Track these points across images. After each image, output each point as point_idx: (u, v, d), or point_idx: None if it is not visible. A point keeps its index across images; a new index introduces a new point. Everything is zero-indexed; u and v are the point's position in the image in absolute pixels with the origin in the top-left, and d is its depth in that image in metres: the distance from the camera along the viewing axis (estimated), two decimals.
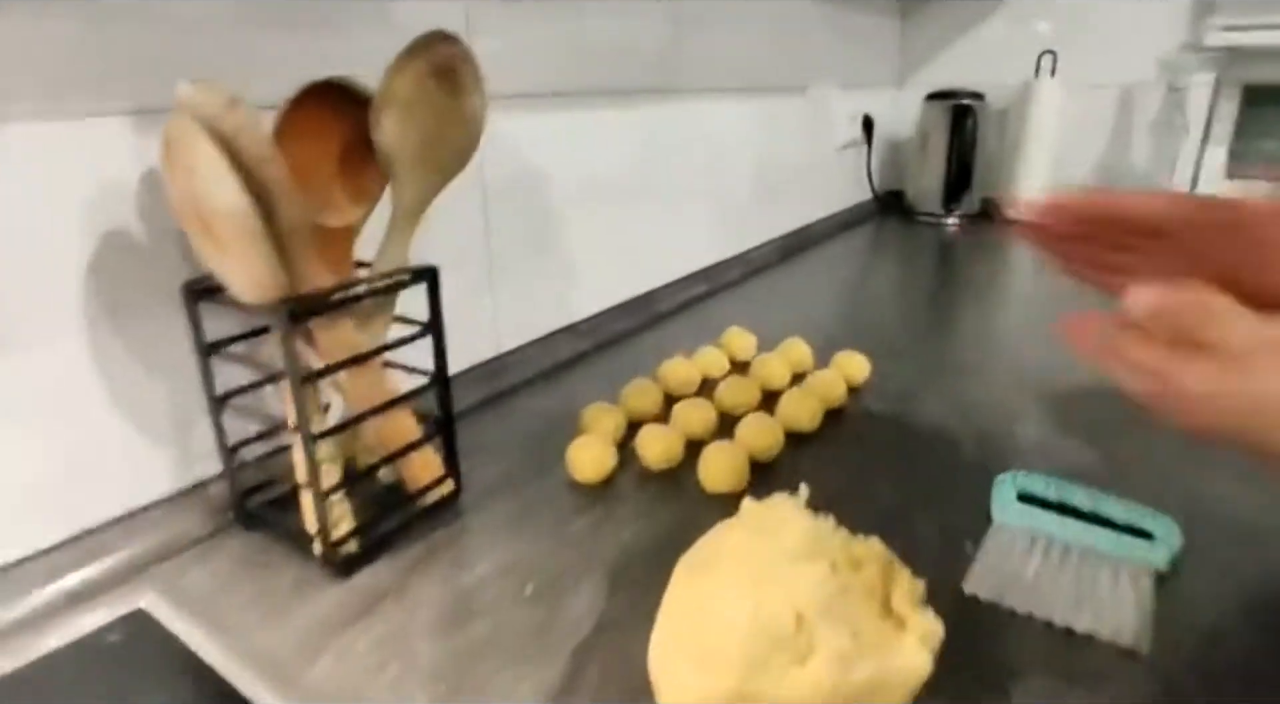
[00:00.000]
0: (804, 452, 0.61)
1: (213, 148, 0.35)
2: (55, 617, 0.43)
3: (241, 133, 0.36)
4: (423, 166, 0.45)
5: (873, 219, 1.59)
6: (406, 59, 0.42)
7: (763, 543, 0.33)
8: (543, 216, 0.77)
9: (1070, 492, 0.52)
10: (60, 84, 0.42)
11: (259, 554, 0.49)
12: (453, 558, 0.49)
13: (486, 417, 0.69)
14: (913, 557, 0.47)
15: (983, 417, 0.67)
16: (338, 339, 0.45)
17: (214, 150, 0.35)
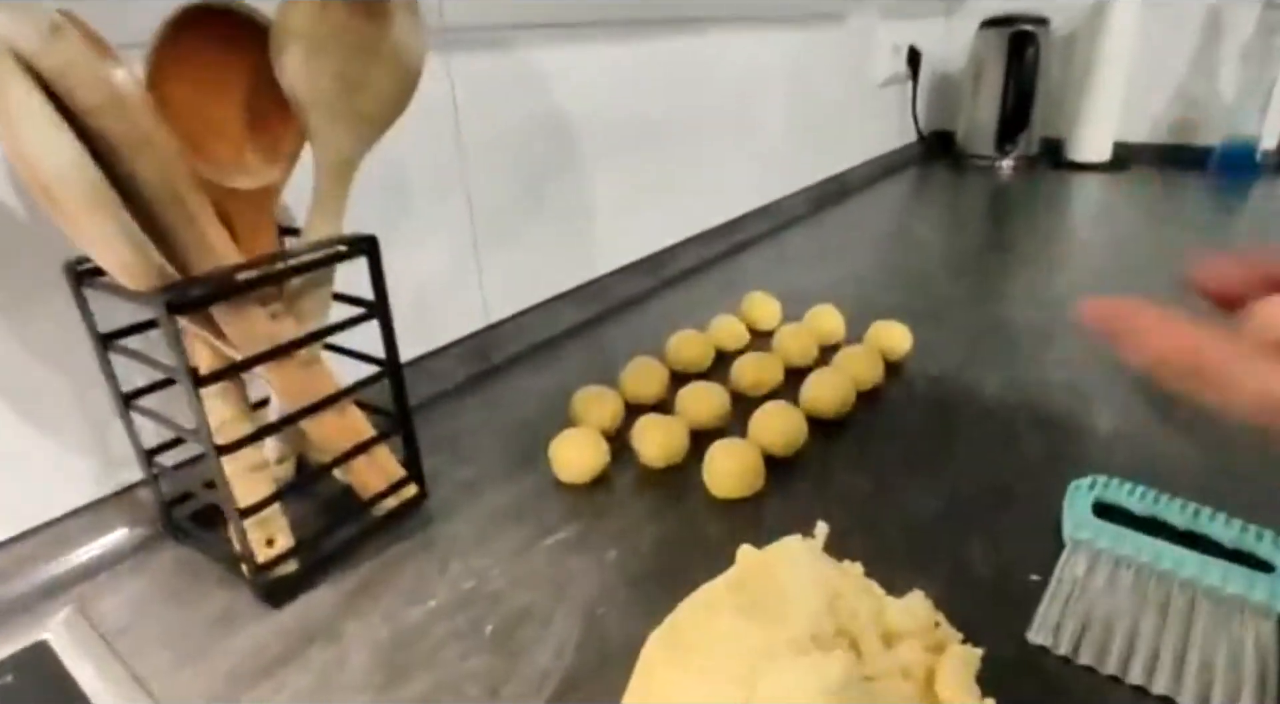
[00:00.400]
0: (831, 446, 0.52)
1: (29, 90, 0.27)
2: None
3: (71, 70, 0.27)
4: (343, 117, 0.36)
5: (917, 163, 1.45)
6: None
7: (761, 626, 0.24)
8: (536, 168, 0.67)
9: (1165, 505, 0.42)
10: None
11: (185, 576, 0.42)
12: (407, 581, 0.41)
13: (471, 399, 0.61)
14: (964, 596, 0.38)
15: (1050, 402, 0.56)
16: (250, 330, 0.37)
17: (30, 93, 0.27)
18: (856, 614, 0.26)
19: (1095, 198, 1.20)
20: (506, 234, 0.66)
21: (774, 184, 1.05)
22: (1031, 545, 0.41)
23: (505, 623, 0.38)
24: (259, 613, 0.39)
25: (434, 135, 0.58)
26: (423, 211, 0.58)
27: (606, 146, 0.74)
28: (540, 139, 0.67)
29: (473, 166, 0.61)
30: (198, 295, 0.34)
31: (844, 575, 0.28)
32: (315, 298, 0.41)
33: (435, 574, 0.42)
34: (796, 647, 0.23)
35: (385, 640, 0.37)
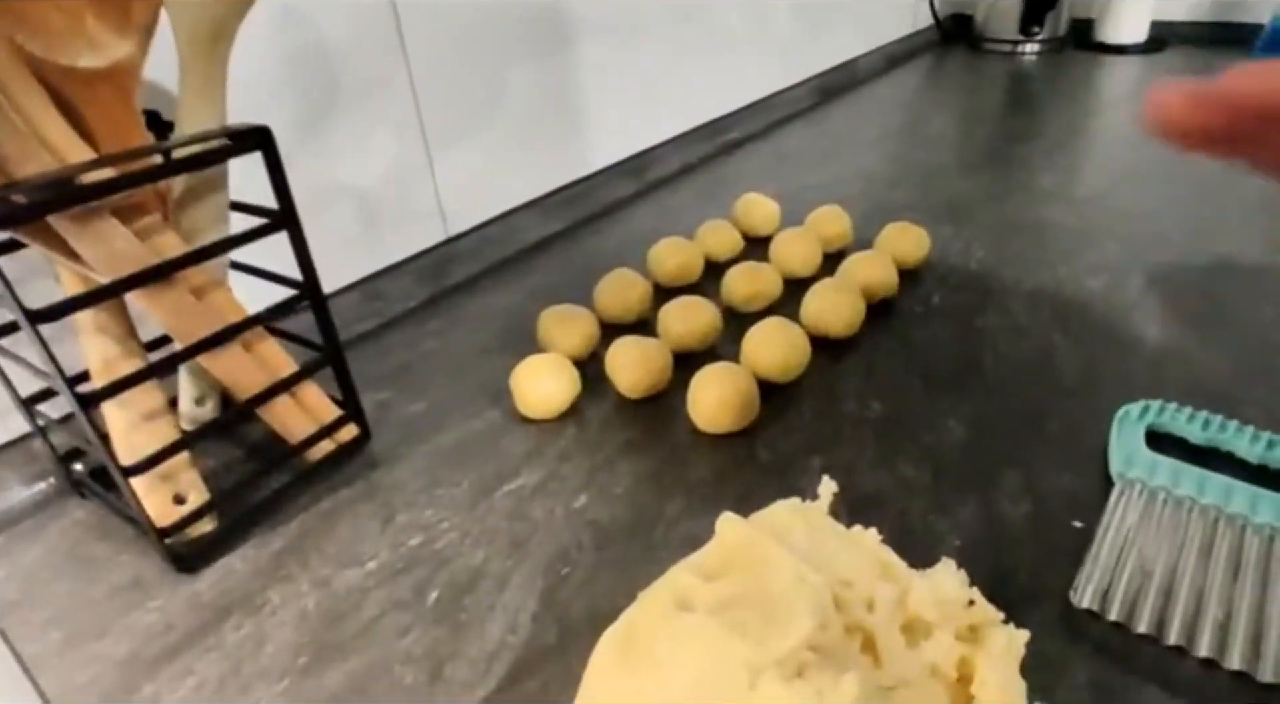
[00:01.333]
0: (837, 369, 0.45)
1: None
2: None
3: None
4: None
5: (932, 50, 1.32)
6: None
7: (742, 638, 0.18)
8: (495, 55, 0.58)
9: (1231, 433, 0.36)
10: None
11: (91, 536, 0.37)
12: (343, 538, 0.35)
13: (429, 322, 0.54)
14: (996, 547, 0.32)
15: (1088, 312, 0.49)
16: (109, 250, 0.29)
17: None
18: (872, 606, 0.19)
19: (1130, 83, 1.08)
20: (463, 134, 0.57)
21: (774, 75, 0.94)
22: (1074, 484, 0.35)
23: (453, 589, 0.32)
24: (171, 581, 0.34)
25: (369, 23, 0.49)
26: (358, 105, 0.50)
27: (581, 30, 0.64)
28: (500, 17, 0.57)
29: (418, 49, 0.52)
30: (25, 206, 0.26)
31: (855, 551, 0.21)
32: (205, 208, 0.34)
33: (376, 529, 0.36)
34: (790, 667, 0.17)
35: (312, 612, 0.32)
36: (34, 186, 0.26)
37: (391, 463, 0.40)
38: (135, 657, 0.30)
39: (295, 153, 0.47)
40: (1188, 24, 1.23)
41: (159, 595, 0.33)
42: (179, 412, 0.40)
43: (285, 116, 0.46)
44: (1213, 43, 1.20)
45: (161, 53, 0.31)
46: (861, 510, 0.34)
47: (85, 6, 0.29)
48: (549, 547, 0.34)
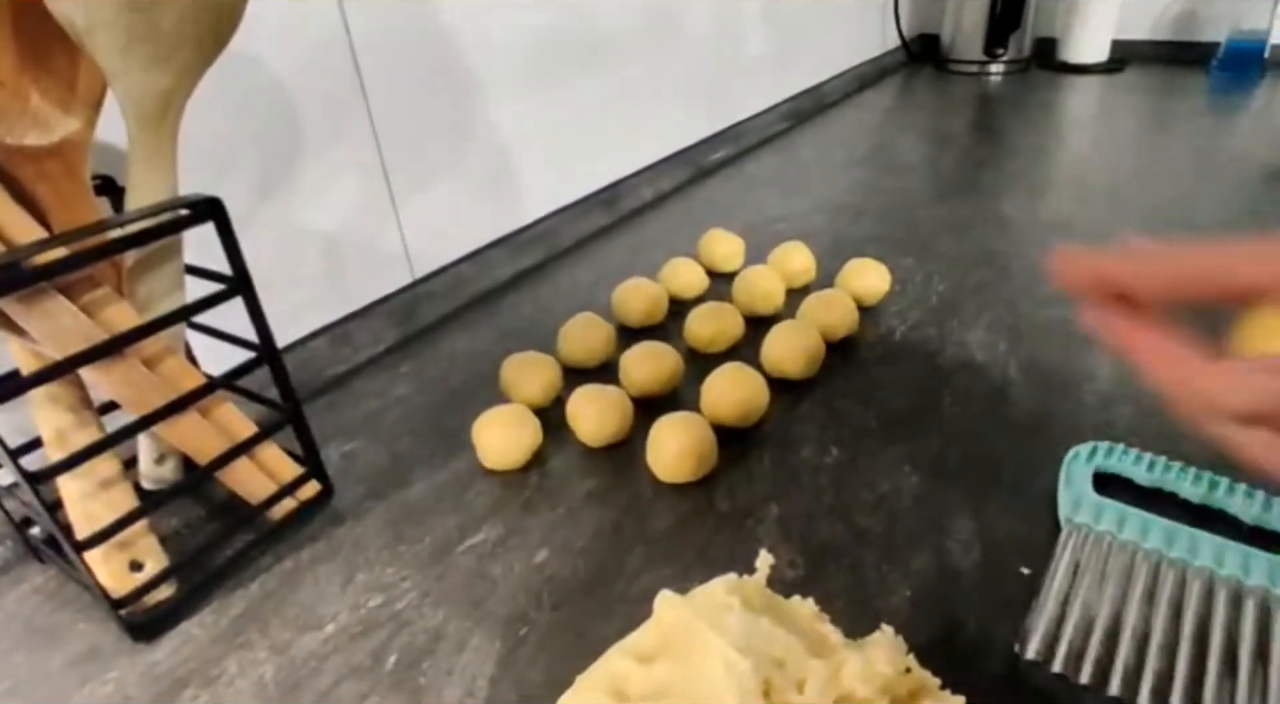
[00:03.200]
0: (796, 412, 0.46)
1: None
2: None
3: None
4: (142, 45, 0.28)
5: (901, 71, 1.34)
6: None
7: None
8: (457, 97, 0.58)
9: (1175, 475, 0.37)
10: None
11: (48, 606, 0.36)
12: (302, 601, 0.35)
13: (397, 368, 0.54)
14: (945, 598, 0.32)
15: (1046, 349, 0.50)
16: (55, 324, 0.30)
17: None
18: (803, 682, 0.20)
19: (1092, 103, 1.10)
20: (427, 176, 0.57)
21: (743, 101, 0.95)
22: (1024, 529, 0.36)
23: (411, 653, 0.32)
24: (128, 650, 0.34)
25: (327, 70, 0.49)
26: (321, 154, 0.50)
27: (544, 67, 0.64)
28: (459, 63, 0.58)
29: (377, 101, 0.52)
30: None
31: (788, 624, 0.22)
32: (158, 276, 0.34)
33: (337, 590, 0.36)
34: None
35: (270, 681, 0.32)
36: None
37: (355, 518, 0.40)
38: None
39: (258, 204, 0.47)
40: (1148, 43, 1.26)
41: (116, 666, 0.33)
42: (139, 471, 0.40)
43: (246, 168, 0.46)
44: (1171, 61, 1.23)
45: (114, 115, 0.31)
46: (818, 562, 0.35)
47: (30, 85, 0.30)
48: (508, 606, 0.34)
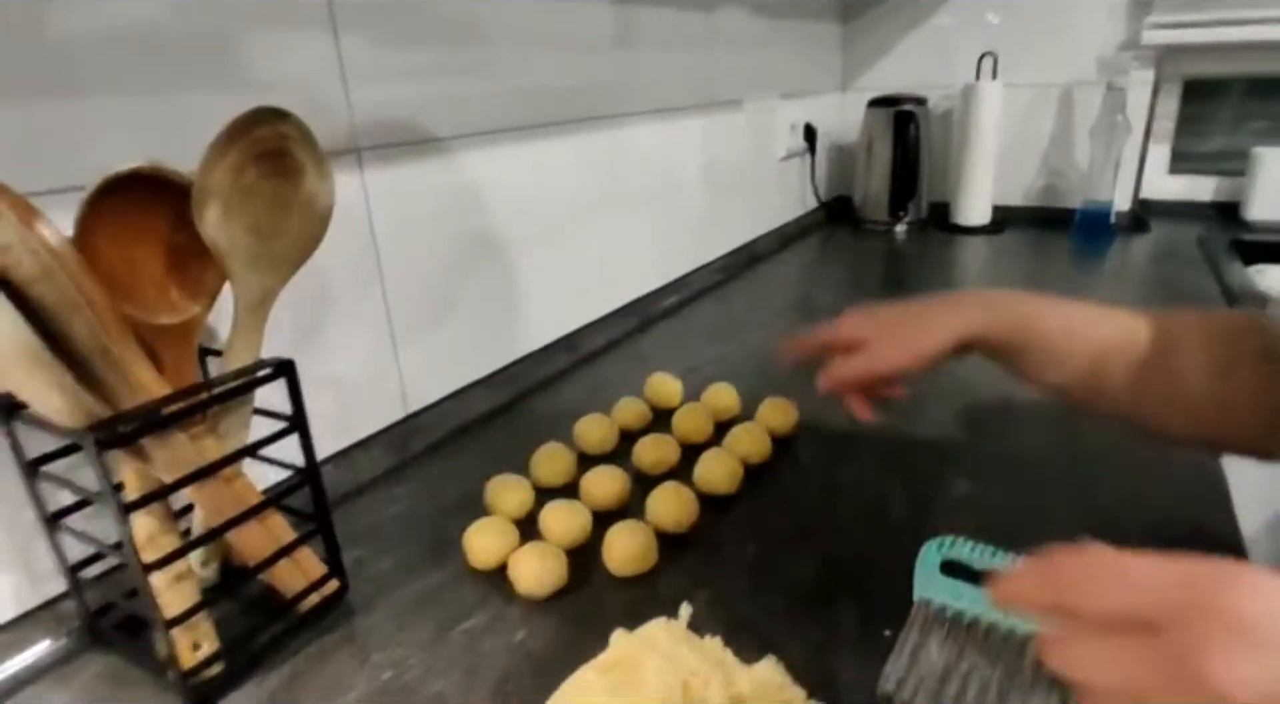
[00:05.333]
0: (722, 521, 0.57)
1: None
2: None
3: (10, 249, 0.31)
4: (260, 259, 0.41)
5: (820, 229, 1.56)
6: (222, 146, 0.38)
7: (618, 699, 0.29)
8: (451, 262, 0.72)
9: (999, 558, 0.49)
10: None
11: (111, 684, 0.44)
12: (328, 678, 0.44)
13: (393, 488, 0.65)
14: (829, 653, 0.43)
15: (916, 467, 0.63)
16: (174, 456, 0.40)
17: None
18: (708, 684, 0.31)
19: (978, 258, 1.32)
20: (423, 326, 0.70)
21: (686, 259, 1.12)
22: (890, 603, 0.47)
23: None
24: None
25: (349, 241, 0.63)
26: (341, 314, 0.63)
27: (520, 235, 0.79)
28: (453, 234, 0.72)
29: (388, 268, 0.66)
30: (125, 431, 0.38)
31: (701, 652, 0.33)
32: (236, 417, 0.45)
33: (355, 667, 0.45)
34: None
35: None
36: (134, 417, 0.38)
37: (366, 611, 0.50)
38: None
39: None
40: (1021, 208, 1.51)
41: None
42: None
43: (284, 330, 0.58)
44: (1041, 223, 1.47)
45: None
46: (734, 630, 0.45)
47: (170, 282, 0.42)
48: (496, 672, 0.44)
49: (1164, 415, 0.49)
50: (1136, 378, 0.48)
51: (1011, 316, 0.50)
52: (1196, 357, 0.47)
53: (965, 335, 0.50)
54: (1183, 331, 0.48)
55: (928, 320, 0.51)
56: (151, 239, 0.41)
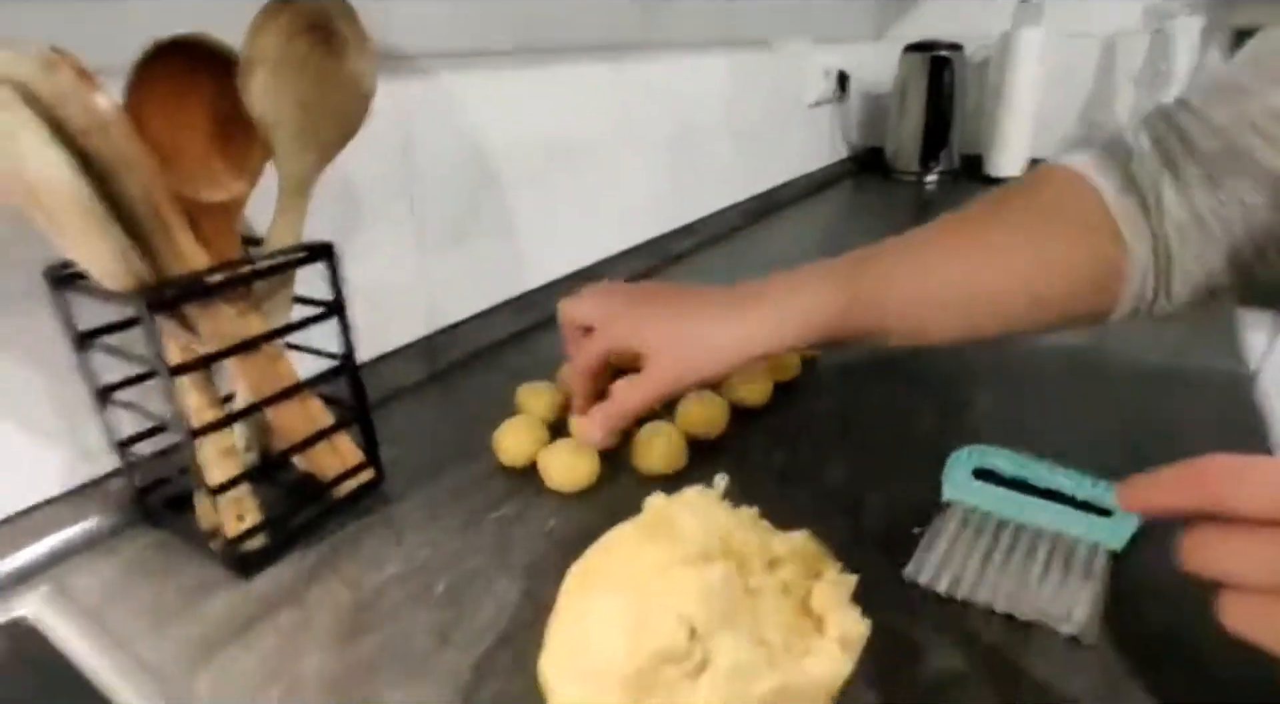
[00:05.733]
0: (751, 429, 0.58)
1: (30, 118, 0.31)
2: None
3: (65, 99, 0.32)
4: (304, 136, 0.41)
5: (849, 178, 1.54)
6: (271, 12, 0.38)
7: (656, 547, 0.29)
8: (479, 185, 0.72)
9: (1029, 466, 0.49)
10: None
11: (159, 555, 0.46)
12: (365, 554, 0.46)
13: (422, 398, 0.66)
14: (858, 544, 0.44)
15: (945, 387, 0.63)
16: (219, 327, 0.41)
17: (32, 120, 0.31)
18: (744, 541, 0.31)
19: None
20: (450, 246, 0.71)
21: (708, 200, 1.11)
22: (919, 505, 0.47)
23: (454, 585, 0.43)
24: (230, 583, 0.43)
25: (383, 152, 0.63)
26: (372, 223, 0.63)
27: (544, 164, 0.79)
28: (482, 157, 0.72)
29: (419, 183, 0.66)
30: (173, 295, 0.38)
31: (736, 515, 0.33)
32: (278, 299, 0.46)
33: (391, 546, 0.46)
34: (687, 562, 0.29)
35: (346, 603, 0.42)
36: (181, 283, 0.38)
37: (400, 500, 0.51)
38: (210, 635, 0.40)
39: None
40: None
41: (222, 593, 0.43)
42: None
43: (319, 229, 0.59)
44: None
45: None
46: None
47: (215, 157, 0.43)
48: (527, 557, 0.45)
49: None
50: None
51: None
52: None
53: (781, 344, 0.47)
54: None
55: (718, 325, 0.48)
56: (197, 114, 0.41)
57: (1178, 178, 0.43)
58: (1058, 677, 0.35)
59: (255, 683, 0.36)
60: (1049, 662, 0.36)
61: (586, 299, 0.51)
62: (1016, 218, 0.46)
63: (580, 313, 0.50)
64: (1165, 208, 0.43)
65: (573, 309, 0.51)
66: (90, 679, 0.38)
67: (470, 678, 0.36)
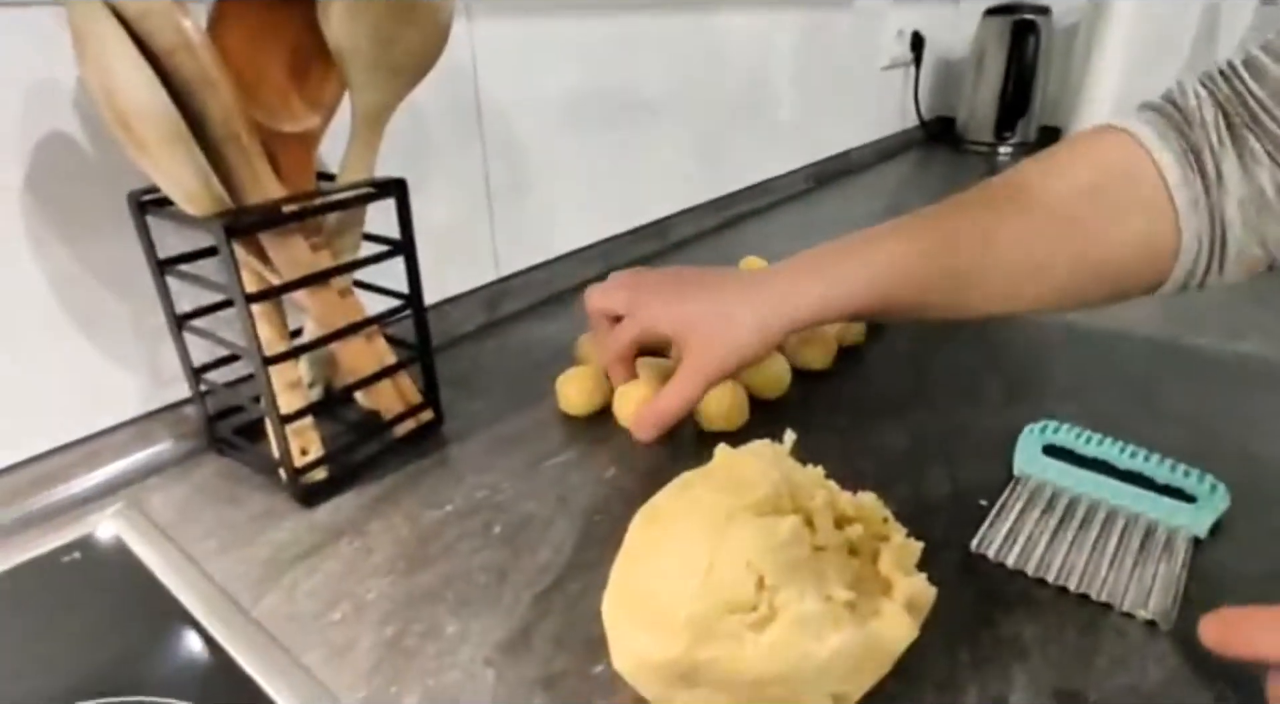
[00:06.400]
0: (814, 392, 0.56)
1: (118, 32, 0.31)
2: (10, 537, 0.42)
3: (150, 14, 0.32)
4: (379, 69, 0.41)
5: (918, 147, 1.48)
6: None
7: (725, 495, 0.29)
8: (547, 132, 0.71)
9: (1105, 446, 0.47)
10: None
11: (228, 481, 0.47)
12: (424, 491, 0.46)
13: (485, 343, 0.66)
14: (921, 513, 0.42)
15: (1015, 361, 0.61)
16: (293, 257, 0.42)
17: (120, 35, 0.31)
18: (813, 497, 0.30)
19: None
20: (518, 194, 0.70)
21: (776, 160, 1.09)
22: (987, 478, 0.46)
23: (512, 526, 0.43)
24: (294, 512, 0.44)
25: (455, 95, 0.62)
26: (442, 167, 0.63)
27: (614, 116, 0.78)
28: (552, 106, 0.71)
29: (489, 127, 0.65)
30: (251, 222, 0.39)
31: (804, 471, 0.32)
32: (349, 235, 0.46)
33: (450, 485, 0.47)
34: (756, 511, 0.28)
35: (406, 536, 0.42)
36: (259, 210, 0.39)
37: (460, 442, 0.51)
38: (275, 557, 0.41)
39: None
40: None
41: (287, 520, 0.44)
42: None
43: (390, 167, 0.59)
44: None
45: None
46: None
47: (292, 90, 0.43)
48: (585, 501, 0.45)
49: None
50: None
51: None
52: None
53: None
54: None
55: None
56: (277, 44, 0.41)
57: (1241, 151, 0.39)
58: (1131, 660, 0.34)
59: (319, 604, 0.37)
60: (1123, 644, 0.34)
61: (613, 287, 0.49)
62: (1069, 190, 0.43)
63: (608, 301, 0.49)
64: (1226, 184, 0.40)
65: (600, 298, 0.49)
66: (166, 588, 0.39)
67: (530, 613, 0.36)
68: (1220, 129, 0.40)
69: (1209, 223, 0.41)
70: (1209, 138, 0.40)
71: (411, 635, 0.35)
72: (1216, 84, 0.41)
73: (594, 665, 0.33)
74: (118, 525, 0.43)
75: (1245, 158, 0.39)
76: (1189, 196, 0.40)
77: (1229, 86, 0.40)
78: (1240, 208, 0.40)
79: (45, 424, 0.45)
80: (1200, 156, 0.40)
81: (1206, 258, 0.42)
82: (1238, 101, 0.40)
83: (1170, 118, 0.42)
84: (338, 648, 0.35)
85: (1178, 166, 0.40)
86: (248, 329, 0.39)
